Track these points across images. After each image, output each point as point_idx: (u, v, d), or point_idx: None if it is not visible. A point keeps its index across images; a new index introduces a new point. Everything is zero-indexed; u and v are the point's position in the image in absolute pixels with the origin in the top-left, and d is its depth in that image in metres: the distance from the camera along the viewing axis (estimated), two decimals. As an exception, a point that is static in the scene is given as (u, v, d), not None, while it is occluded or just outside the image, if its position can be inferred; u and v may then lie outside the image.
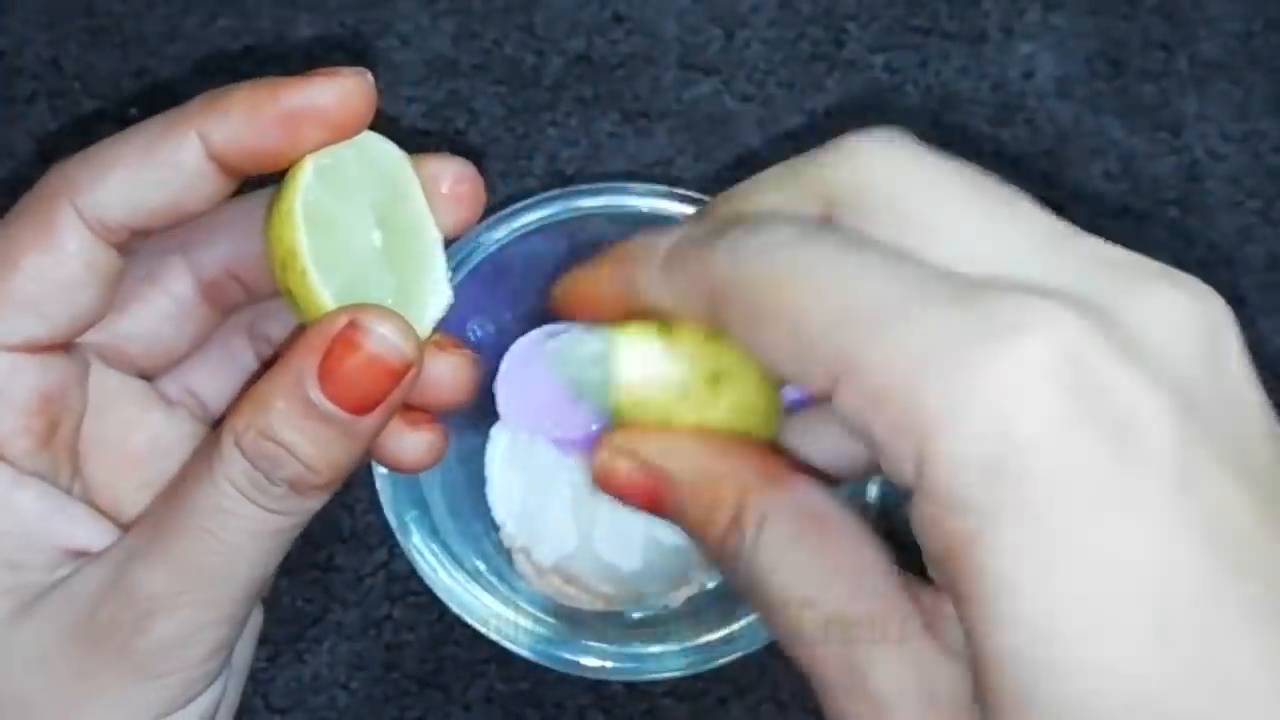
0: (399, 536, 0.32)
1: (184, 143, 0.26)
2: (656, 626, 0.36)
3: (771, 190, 0.25)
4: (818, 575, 0.23)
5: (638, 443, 0.25)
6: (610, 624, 0.37)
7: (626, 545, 0.38)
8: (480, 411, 0.38)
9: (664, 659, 0.31)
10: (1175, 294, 0.21)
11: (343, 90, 0.26)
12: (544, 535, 0.38)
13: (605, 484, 0.25)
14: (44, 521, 0.28)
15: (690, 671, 0.31)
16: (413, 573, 0.35)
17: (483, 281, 0.35)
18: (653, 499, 0.25)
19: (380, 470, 0.32)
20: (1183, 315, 0.21)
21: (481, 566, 0.34)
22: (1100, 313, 0.20)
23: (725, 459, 0.24)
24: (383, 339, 0.25)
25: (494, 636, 0.32)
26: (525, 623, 0.32)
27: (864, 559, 0.23)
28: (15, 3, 0.44)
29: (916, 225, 0.22)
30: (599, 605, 0.37)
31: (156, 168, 0.27)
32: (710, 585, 0.37)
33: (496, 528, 0.38)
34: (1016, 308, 0.19)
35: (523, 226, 0.34)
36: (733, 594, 0.36)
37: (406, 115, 0.43)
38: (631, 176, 0.43)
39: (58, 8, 0.44)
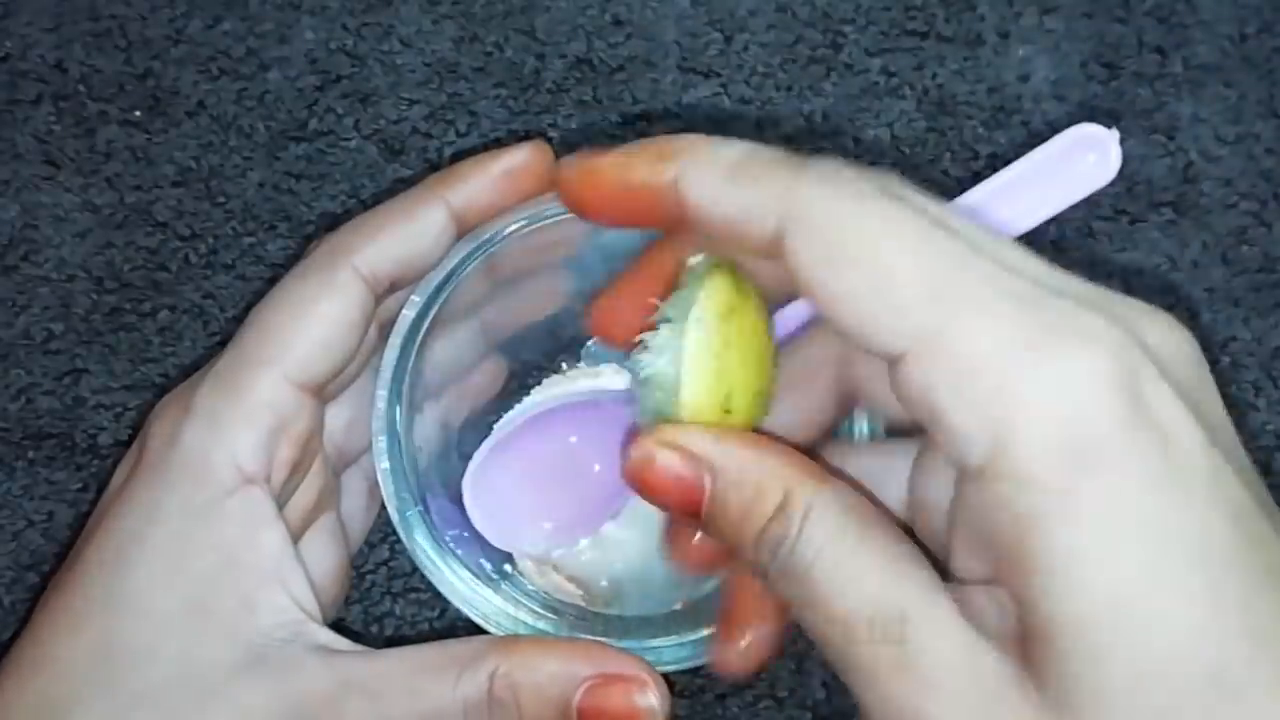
0: (401, 533, 0.32)
1: (435, 208, 0.33)
2: (656, 622, 0.36)
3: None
4: (862, 567, 0.24)
5: (682, 436, 0.26)
6: (610, 620, 0.37)
7: (628, 544, 0.38)
8: (485, 407, 0.38)
9: (663, 652, 0.31)
10: (1167, 326, 0.23)
11: (532, 151, 0.33)
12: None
13: (642, 476, 0.26)
14: (280, 569, 0.30)
15: (689, 665, 0.32)
16: (414, 569, 0.35)
17: (484, 279, 0.35)
18: (689, 496, 0.26)
19: (382, 465, 0.32)
20: (1176, 344, 0.23)
21: (483, 563, 0.35)
22: (1136, 334, 0.22)
23: (769, 456, 0.25)
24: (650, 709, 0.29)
25: (495, 632, 0.32)
26: (526, 618, 0.32)
27: (902, 552, 0.24)
28: (20, 6, 0.44)
29: None
30: (599, 603, 0.37)
31: (415, 229, 0.33)
32: (710, 586, 0.38)
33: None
34: (1088, 318, 0.22)
35: (518, 229, 0.35)
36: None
37: (409, 117, 0.43)
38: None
39: (62, 11, 0.44)
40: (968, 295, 0.22)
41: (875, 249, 0.22)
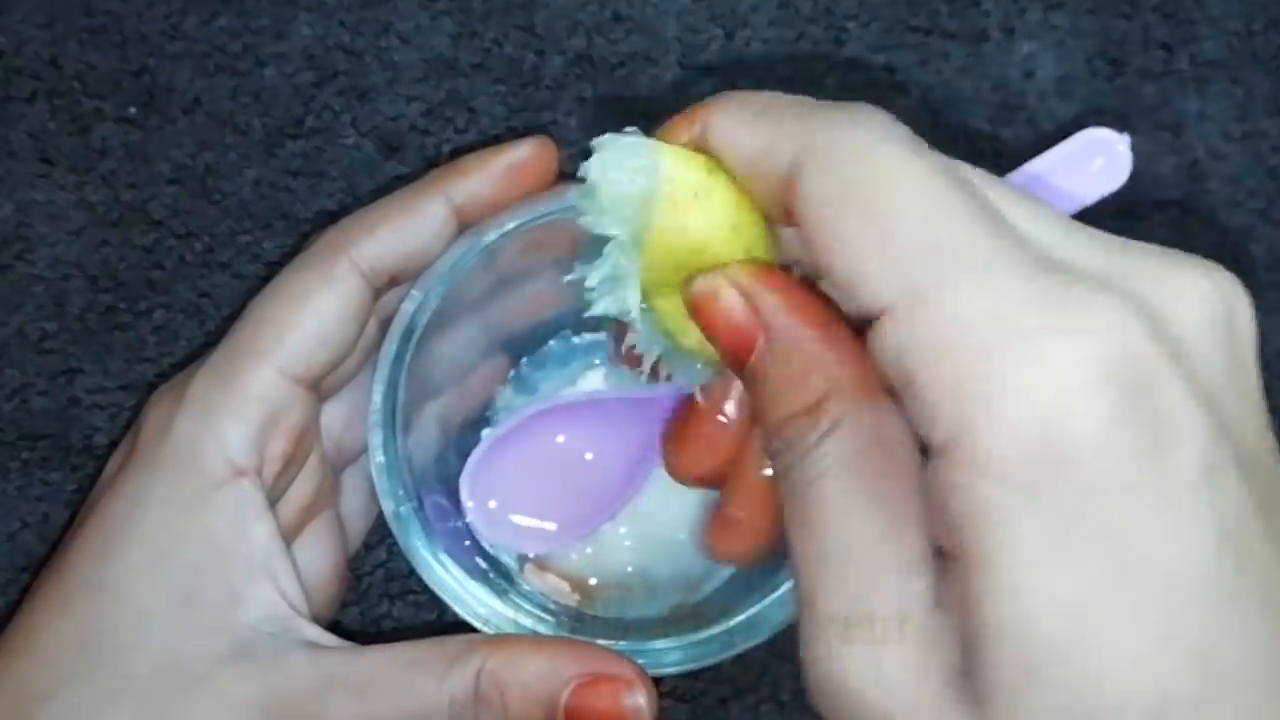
0: (394, 529, 0.32)
1: (435, 201, 0.33)
2: (654, 624, 0.36)
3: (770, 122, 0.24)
4: (858, 519, 0.22)
5: (755, 282, 0.24)
6: (607, 622, 0.36)
7: (625, 546, 0.38)
8: (484, 406, 0.38)
9: (662, 654, 0.31)
10: (1202, 285, 0.22)
11: (535, 147, 0.34)
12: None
13: (702, 307, 0.24)
14: (268, 562, 0.30)
15: (689, 667, 0.31)
16: (412, 571, 0.35)
17: (485, 276, 0.35)
18: (740, 344, 0.24)
19: (378, 459, 0.32)
20: (1211, 307, 0.22)
21: (479, 563, 0.34)
22: (1151, 313, 0.20)
23: (822, 343, 0.23)
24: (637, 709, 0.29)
25: (488, 632, 0.32)
26: (524, 620, 0.32)
27: (908, 513, 0.22)
28: (15, 2, 0.44)
29: None
30: (596, 605, 0.37)
31: (414, 223, 0.33)
32: (707, 590, 0.37)
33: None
34: (1087, 301, 0.20)
35: (521, 226, 0.34)
36: (733, 593, 0.36)
37: (406, 114, 0.43)
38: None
39: (57, 7, 0.44)
40: (966, 260, 0.20)
41: (881, 194, 0.21)
